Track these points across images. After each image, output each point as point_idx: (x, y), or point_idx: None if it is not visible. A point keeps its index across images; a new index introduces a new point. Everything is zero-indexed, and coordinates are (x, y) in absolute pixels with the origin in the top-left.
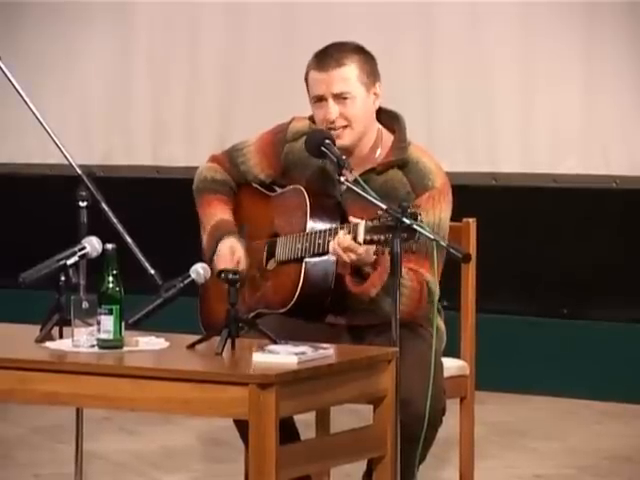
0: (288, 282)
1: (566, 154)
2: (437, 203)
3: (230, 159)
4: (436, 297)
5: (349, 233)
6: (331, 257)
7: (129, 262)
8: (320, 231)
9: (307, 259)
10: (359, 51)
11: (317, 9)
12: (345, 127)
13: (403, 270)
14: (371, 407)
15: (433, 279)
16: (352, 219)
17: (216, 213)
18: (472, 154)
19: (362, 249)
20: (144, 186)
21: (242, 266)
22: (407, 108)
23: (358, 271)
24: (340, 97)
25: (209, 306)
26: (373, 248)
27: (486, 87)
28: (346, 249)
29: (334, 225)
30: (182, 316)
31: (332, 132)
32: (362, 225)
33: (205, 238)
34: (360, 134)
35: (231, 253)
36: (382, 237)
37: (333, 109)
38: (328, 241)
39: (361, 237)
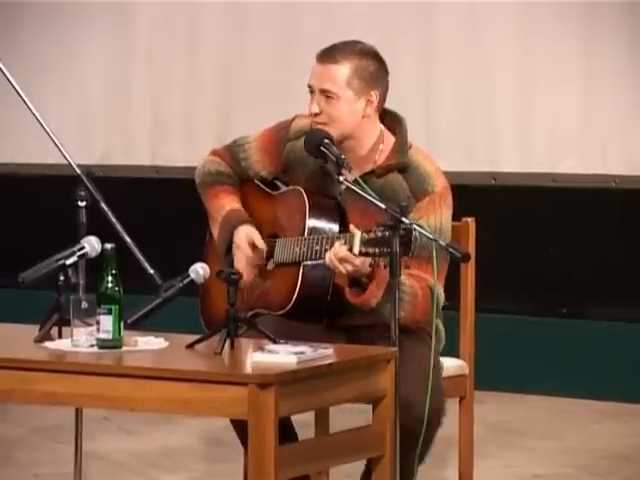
0: (286, 284)
1: (565, 154)
2: (437, 207)
3: (231, 154)
4: (441, 301)
5: (345, 244)
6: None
7: (128, 262)
8: (317, 238)
9: (305, 263)
10: (365, 54)
11: (317, 9)
12: (325, 124)
13: (404, 277)
14: (370, 407)
15: (436, 283)
16: (351, 228)
17: (225, 204)
18: (471, 154)
19: (358, 260)
20: (143, 186)
21: (263, 247)
22: (406, 108)
23: (357, 282)
24: (324, 94)
25: (211, 303)
26: (369, 260)
27: (485, 87)
28: (342, 260)
29: (333, 226)
30: (181, 316)
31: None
32: (358, 236)
33: (216, 230)
34: (342, 133)
35: (249, 243)
36: (377, 250)
37: (315, 104)
38: (325, 249)
39: (356, 249)
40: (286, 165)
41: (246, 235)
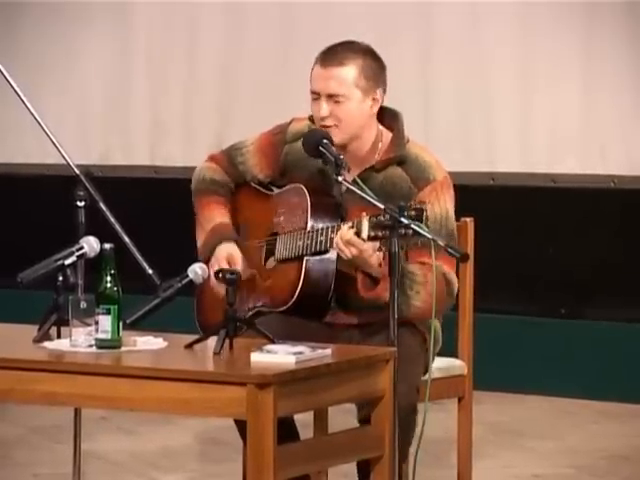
0: (288, 281)
1: (564, 154)
2: (441, 194)
3: (229, 159)
4: (456, 287)
5: (352, 228)
6: (332, 256)
7: (127, 262)
8: (322, 228)
9: (308, 258)
10: (366, 54)
11: (316, 9)
12: (335, 126)
13: (416, 266)
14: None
15: (450, 269)
16: (362, 215)
17: (214, 216)
18: (470, 154)
19: (366, 245)
20: (142, 186)
21: (239, 269)
22: (405, 108)
23: (370, 275)
24: (333, 97)
25: (205, 306)
26: (377, 245)
27: (485, 87)
28: (347, 242)
29: (334, 224)
30: (180, 316)
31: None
32: (366, 221)
33: (201, 241)
34: (350, 135)
35: (227, 261)
36: (387, 232)
37: (324, 108)
38: (331, 238)
39: (365, 233)
40: (284, 168)
41: (227, 254)
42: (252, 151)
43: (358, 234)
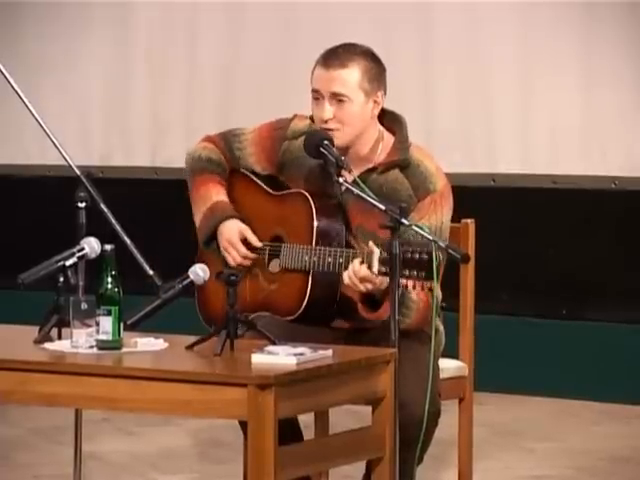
0: (294, 290)
1: (565, 155)
2: (439, 207)
3: (225, 141)
4: (439, 301)
5: (363, 262)
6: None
7: (128, 263)
8: (330, 250)
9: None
10: (367, 56)
11: (316, 9)
12: (337, 129)
13: (409, 284)
14: (370, 408)
15: (436, 284)
16: (370, 245)
17: (212, 194)
18: (471, 155)
19: (379, 279)
20: (143, 187)
21: (258, 244)
22: (405, 108)
23: (368, 297)
24: (336, 98)
25: (208, 300)
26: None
27: (485, 87)
28: (362, 279)
29: (339, 229)
30: (181, 317)
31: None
32: (376, 255)
33: (199, 219)
34: (352, 137)
35: (241, 238)
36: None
37: (327, 109)
38: (339, 263)
39: (375, 268)
40: (282, 163)
41: (238, 230)
42: (250, 140)
43: (369, 267)
